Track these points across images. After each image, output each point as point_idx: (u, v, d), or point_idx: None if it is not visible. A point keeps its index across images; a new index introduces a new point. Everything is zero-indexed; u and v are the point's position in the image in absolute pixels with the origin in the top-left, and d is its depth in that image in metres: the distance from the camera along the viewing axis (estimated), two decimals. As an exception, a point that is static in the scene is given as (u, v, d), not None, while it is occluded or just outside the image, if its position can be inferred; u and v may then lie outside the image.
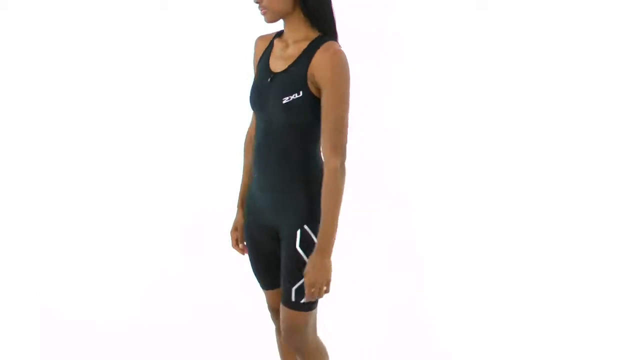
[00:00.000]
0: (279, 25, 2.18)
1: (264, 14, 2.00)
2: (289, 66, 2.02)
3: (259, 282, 2.34)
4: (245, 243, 2.32)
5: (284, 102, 1.99)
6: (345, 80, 1.95)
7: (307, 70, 1.96)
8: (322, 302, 2.52)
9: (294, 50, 2.02)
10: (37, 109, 3.51)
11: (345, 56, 1.95)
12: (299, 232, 2.06)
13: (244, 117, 2.69)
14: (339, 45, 1.98)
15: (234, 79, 3.21)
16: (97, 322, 3.24)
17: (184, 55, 3.57)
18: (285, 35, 2.06)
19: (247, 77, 2.49)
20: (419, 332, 3.16)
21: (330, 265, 2.01)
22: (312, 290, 2.01)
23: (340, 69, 1.93)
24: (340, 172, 1.97)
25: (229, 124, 3.23)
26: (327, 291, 2.03)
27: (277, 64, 2.07)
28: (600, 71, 3.58)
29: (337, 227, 2.00)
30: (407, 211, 3.63)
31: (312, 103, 1.97)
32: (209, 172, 3.56)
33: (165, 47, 3.57)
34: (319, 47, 1.96)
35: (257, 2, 2.00)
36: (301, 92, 1.97)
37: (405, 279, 3.45)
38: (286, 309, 2.13)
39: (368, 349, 3.06)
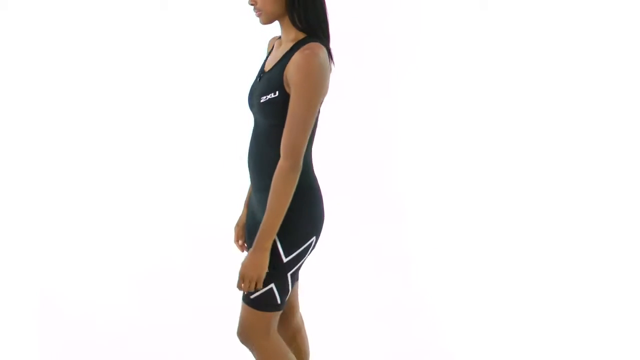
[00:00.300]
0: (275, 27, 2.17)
1: (258, 15, 2.03)
2: (273, 66, 2.04)
3: None
4: (245, 240, 2.34)
5: (261, 101, 2.01)
6: (312, 84, 1.91)
7: (284, 71, 1.96)
8: (317, 303, 2.51)
9: (282, 51, 2.04)
10: (37, 109, 3.52)
11: (319, 59, 1.91)
12: None
13: (244, 117, 2.69)
14: (320, 48, 1.94)
15: (235, 79, 3.21)
16: (97, 321, 3.24)
17: (184, 56, 3.58)
18: (282, 36, 2.08)
19: (247, 77, 2.50)
20: (411, 333, 3.17)
21: (264, 262, 1.98)
22: (242, 283, 2.00)
23: (308, 71, 1.90)
24: (288, 174, 1.93)
25: (231, 123, 3.23)
26: (257, 287, 2.00)
27: (269, 64, 2.10)
28: (601, 71, 3.57)
29: (276, 227, 1.96)
30: (399, 212, 3.63)
31: (288, 104, 1.95)
32: (210, 171, 3.57)
33: (165, 48, 3.57)
34: (299, 48, 1.95)
35: (252, 4, 2.02)
36: (277, 92, 1.97)
37: (396, 280, 3.45)
38: (242, 303, 2.12)
39: (359, 350, 3.07)
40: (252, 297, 2.07)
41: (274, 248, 2.02)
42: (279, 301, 2.07)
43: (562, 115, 3.61)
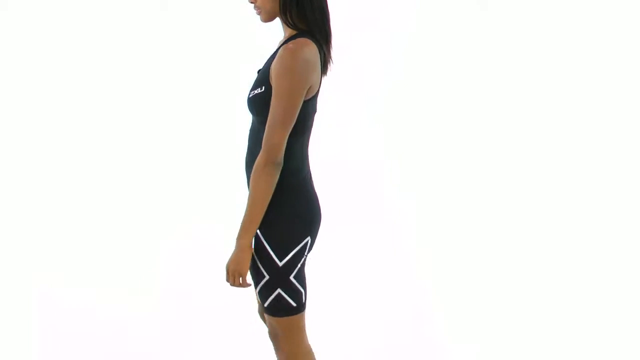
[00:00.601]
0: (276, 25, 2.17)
1: (258, 13, 2.02)
2: (265, 62, 2.03)
3: None
4: None
5: (250, 96, 2.00)
6: (291, 78, 1.88)
7: (270, 66, 1.95)
8: (317, 304, 2.49)
9: (277, 47, 2.04)
10: (37, 109, 3.52)
11: (302, 54, 1.88)
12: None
13: (245, 116, 2.69)
14: (306, 43, 1.90)
15: (236, 78, 3.20)
16: (97, 321, 3.24)
17: (185, 56, 3.57)
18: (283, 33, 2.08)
19: (247, 76, 2.50)
20: (411, 333, 3.16)
21: (244, 259, 1.95)
22: (228, 277, 1.98)
23: (289, 66, 1.87)
24: (262, 170, 1.90)
25: (231, 123, 3.22)
26: (242, 284, 1.97)
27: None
28: (601, 71, 3.57)
29: (253, 224, 1.93)
30: (399, 212, 3.62)
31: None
32: (212, 170, 3.55)
33: (165, 48, 3.56)
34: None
35: (252, 2, 2.02)
36: (263, 87, 1.95)
37: (397, 279, 3.45)
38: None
39: (359, 350, 3.06)
40: (266, 305, 2.03)
41: (266, 254, 1.97)
42: (293, 304, 2.02)
43: (563, 115, 3.61)
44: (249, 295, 2.84)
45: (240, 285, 2.00)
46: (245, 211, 1.94)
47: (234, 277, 1.98)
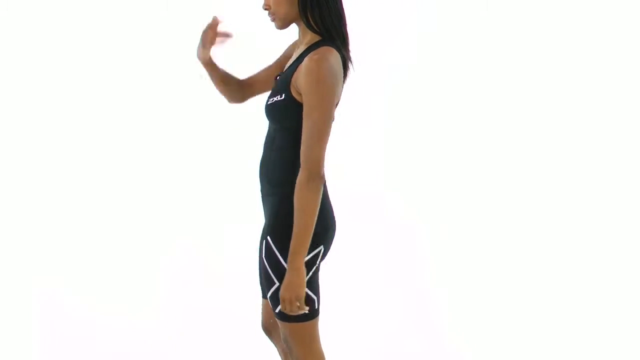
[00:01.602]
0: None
1: (273, 20, 2.01)
2: (286, 69, 2.04)
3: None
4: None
5: (268, 102, 2.01)
6: (323, 90, 1.86)
7: (292, 75, 1.94)
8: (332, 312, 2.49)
9: (296, 54, 2.03)
10: (37, 110, 3.50)
11: (328, 63, 1.87)
12: (264, 242, 2.02)
13: (247, 119, 2.68)
14: (330, 52, 1.90)
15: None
16: (97, 323, 3.24)
17: (187, 57, 3.54)
18: (299, 38, 2.07)
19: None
20: (419, 338, 3.17)
21: (299, 282, 1.90)
22: (285, 305, 1.93)
23: (318, 77, 1.86)
24: (305, 187, 1.87)
25: (235, 126, 3.22)
26: (300, 307, 1.93)
27: (286, 67, 2.10)
28: (602, 72, 3.58)
29: (304, 244, 1.89)
30: (406, 217, 3.63)
31: (293, 108, 1.92)
32: (212, 174, 3.55)
33: (167, 48, 3.54)
34: (310, 52, 1.92)
35: (266, 9, 2.01)
36: (283, 95, 1.95)
37: (403, 285, 3.45)
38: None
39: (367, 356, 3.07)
40: (277, 311, 2.02)
41: (276, 260, 1.98)
42: (305, 310, 1.99)
43: (567, 115, 3.61)
44: (251, 306, 2.83)
45: (298, 311, 1.93)
46: (293, 232, 1.89)
47: (291, 304, 1.91)
